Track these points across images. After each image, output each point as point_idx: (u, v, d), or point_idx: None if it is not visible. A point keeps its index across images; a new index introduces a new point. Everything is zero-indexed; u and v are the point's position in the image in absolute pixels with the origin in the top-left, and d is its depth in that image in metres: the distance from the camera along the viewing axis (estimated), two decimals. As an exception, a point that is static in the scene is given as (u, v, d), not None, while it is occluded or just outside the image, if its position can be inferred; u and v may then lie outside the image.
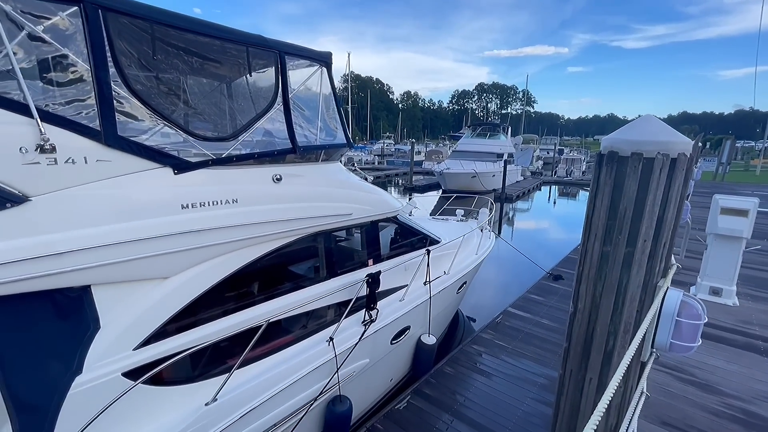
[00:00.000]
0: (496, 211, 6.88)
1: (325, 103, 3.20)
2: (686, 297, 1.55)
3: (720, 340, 3.23)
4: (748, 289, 4.31)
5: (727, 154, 16.08)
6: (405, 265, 3.56)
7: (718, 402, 2.44)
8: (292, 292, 2.58)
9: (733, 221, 3.75)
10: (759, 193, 12.93)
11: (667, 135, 1.48)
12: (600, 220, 1.59)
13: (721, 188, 14.04)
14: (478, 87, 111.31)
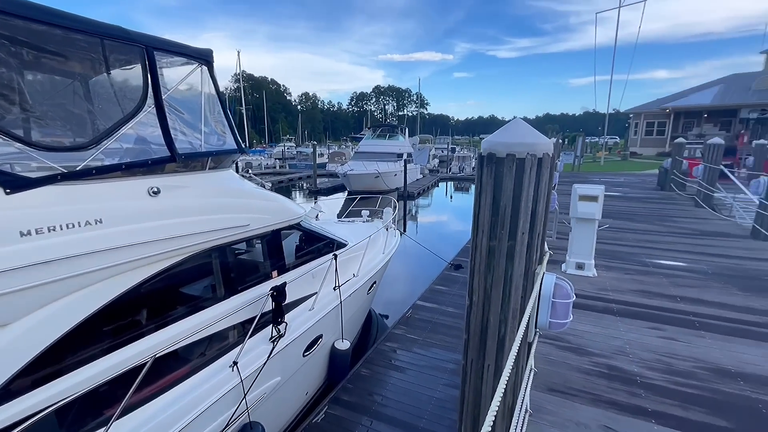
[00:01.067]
0: (399, 209, 7.11)
1: (209, 105, 2.91)
2: (558, 279, 1.77)
3: (586, 308, 3.82)
4: (603, 261, 5.20)
5: (580, 148, 19.38)
6: (313, 272, 3.47)
7: (588, 362, 2.87)
8: (185, 318, 2.29)
9: (587, 206, 4.49)
10: (603, 179, 15.86)
11: (533, 137, 1.66)
12: (485, 217, 1.71)
13: (578, 177, 16.86)
14: (375, 89, 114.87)
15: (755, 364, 2.85)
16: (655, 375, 2.71)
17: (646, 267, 5.03)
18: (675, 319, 3.57)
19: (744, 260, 5.30)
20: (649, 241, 6.33)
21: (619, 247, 5.96)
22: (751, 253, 5.63)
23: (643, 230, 7.06)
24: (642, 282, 4.49)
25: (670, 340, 3.20)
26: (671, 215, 8.49)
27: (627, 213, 8.70)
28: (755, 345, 3.12)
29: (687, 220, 7.95)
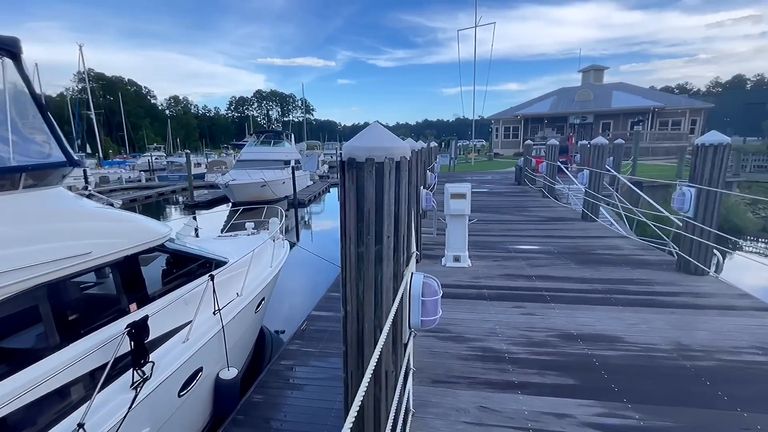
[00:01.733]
0: (290, 217, 6.79)
1: (18, 109, 2.32)
2: (426, 278, 1.83)
3: (463, 296, 4.15)
4: (476, 252, 5.75)
5: (453, 150, 21.54)
6: (185, 298, 3.11)
7: (466, 348, 3.10)
8: (5, 379, 1.79)
9: (458, 203, 4.92)
10: (474, 178, 17.89)
11: (390, 141, 1.67)
12: (351, 224, 1.67)
13: (454, 177, 18.67)
14: (256, 94, 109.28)
15: (589, 325, 3.45)
16: (519, 349, 3.06)
17: (510, 253, 5.74)
18: (532, 296, 4.12)
19: (577, 239, 6.49)
20: (511, 229, 7.28)
21: (488, 237, 6.71)
22: (582, 233, 6.92)
23: (506, 221, 8.10)
24: (507, 267, 5.10)
25: (530, 315, 3.68)
26: (526, 206, 9.95)
27: (493, 206, 9.91)
28: (589, 309, 3.78)
29: (538, 209, 9.41)
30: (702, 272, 4.51)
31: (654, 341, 3.15)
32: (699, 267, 4.52)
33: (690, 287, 4.25)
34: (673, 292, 4.15)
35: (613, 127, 34.06)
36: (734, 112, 67.97)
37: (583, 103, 36.13)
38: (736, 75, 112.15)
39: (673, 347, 3.05)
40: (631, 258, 5.37)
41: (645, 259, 5.30)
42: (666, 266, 4.96)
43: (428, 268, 5.11)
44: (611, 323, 3.47)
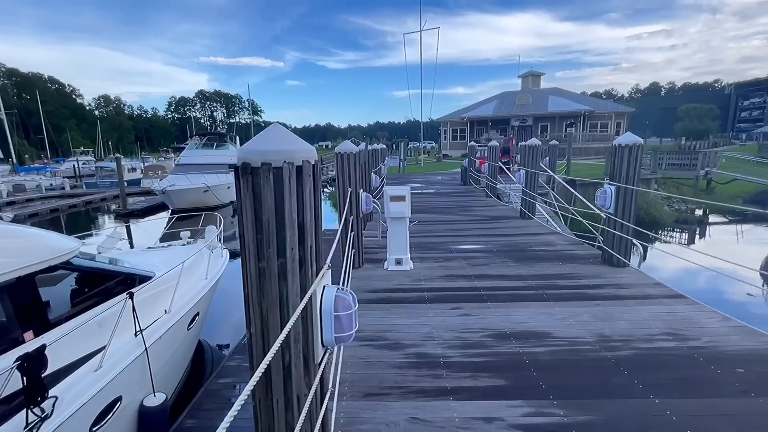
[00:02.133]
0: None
1: None
2: (339, 292, 1.70)
3: (403, 301, 4.09)
4: (418, 254, 5.75)
5: (403, 152, 21.79)
6: (99, 320, 2.82)
7: (402, 355, 3.02)
8: None
9: (397, 206, 4.87)
10: (424, 179, 18.19)
11: (291, 143, 1.53)
12: (249, 236, 1.49)
13: (403, 178, 18.86)
14: (199, 94, 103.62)
15: (522, 322, 3.53)
16: (454, 352, 3.04)
17: (452, 253, 5.81)
18: (470, 296, 4.16)
19: (515, 237, 6.74)
20: (455, 229, 7.41)
21: (431, 238, 6.76)
22: (520, 230, 7.21)
23: (450, 221, 8.24)
24: (448, 267, 5.14)
25: (466, 316, 3.69)
26: (471, 205, 10.23)
27: (439, 207, 10.07)
28: (523, 306, 3.88)
29: (481, 209, 9.70)
30: (623, 264, 4.84)
31: (580, 334, 3.27)
32: (620, 260, 4.84)
33: (612, 279, 4.53)
34: (598, 284, 4.39)
35: (550, 129, 36.35)
36: (652, 115, 75.57)
37: (523, 106, 38.26)
38: (653, 82, 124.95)
39: (597, 339, 3.19)
40: (563, 253, 5.65)
41: (575, 254, 5.60)
42: (593, 260, 5.26)
43: (370, 273, 5.01)
44: (542, 319, 3.58)
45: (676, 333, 3.25)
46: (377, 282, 4.65)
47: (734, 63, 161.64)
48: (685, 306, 3.77)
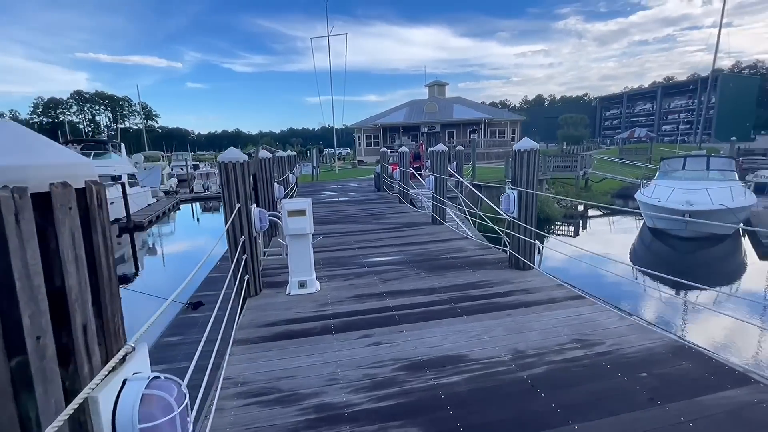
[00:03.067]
0: (124, 244, 5.06)
1: None
2: (151, 389, 1.11)
3: (305, 333, 3.51)
4: (326, 272, 5.21)
5: (315, 159, 21.03)
6: None
7: (297, 412, 2.44)
8: None
9: (297, 221, 4.27)
10: (338, 186, 17.70)
11: (24, 156, 0.90)
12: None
13: (317, 186, 18.14)
14: (75, 95, 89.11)
15: (437, 345, 3.21)
16: (361, 398, 2.56)
17: (363, 268, 5.38)
18: (381, 319, 3.74)
19: (428, 244, 6.59)
20: (367, 240, 7.02)
21: (342, 251, 6.27)
22: (432, 237, 7.11)
23: (363, 231, 7.85)
24: (358, 285, 4.69)
25: (376, 345, 3.26)
26: (384, 213, 10.00)
27: (352, 216, 9.65)
28: (437, 325, 3.58)
29: (394, 216, 9.52)
30: (528, 267, 4.90)
31: (495, 353, 3.06)
32: (526, 263, 4.89)
33: (520, 284, 4.53)
34: (508, 291, 4.34)
35: (456, 135, 38.73)
36: (539, 123, 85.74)
37: (431, 114, 40.21)
38: (538, 94, 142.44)
39: (512, 356, 3.00)
40: (473, 259, 5.61)
41: (484, 259, 5.59)
42: (501, 264, 5.29)
43: (269, 301, 4.32)
44: (457, 339, 3.31)
45: (583, 339, 3.22)
46: (276, 312, 3.99)
47: (597, 80, 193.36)
48: (586, 307, 3.84)
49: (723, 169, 16.20)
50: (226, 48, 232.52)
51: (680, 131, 72.76)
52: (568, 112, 78.79)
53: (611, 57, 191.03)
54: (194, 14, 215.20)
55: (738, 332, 7.14)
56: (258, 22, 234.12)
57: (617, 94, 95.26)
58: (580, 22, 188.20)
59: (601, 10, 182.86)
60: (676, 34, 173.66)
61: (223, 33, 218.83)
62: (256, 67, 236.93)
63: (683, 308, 8.59)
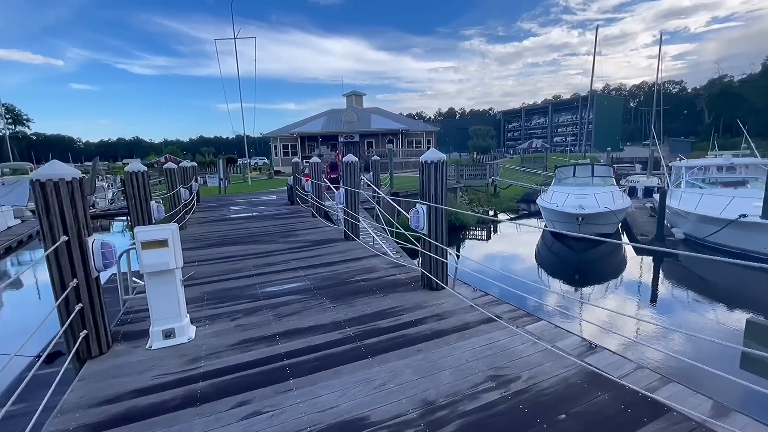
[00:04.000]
0: None
1: None
2: None
3: (157, 411, 2.61)
4: (210, 310, 4.28)
5: (222, 170, 19.15)
6: None
7: None
8: None
9: (156, 255, 3.32)
10: (249, 198, 16.17)
11: None
12: None
13: (223, 200, 16.41)
14: None
15: (332, 406, 2.57)
16: None
17: (258, 301, 4.54)
18: (266, 373, 3.00)
19: (337, 264, 5.96)
20: (270, 264, 6.15)
21: (235, 281, 5.32)
22: (343, 255, 6.50)
23: (267, 252, 6.93)
24: (246, 327, 3.85)
25: (254, 416, 2.51)
26: (295, 229, 9.14)
27: (258, 235, 8.62)
28: (335, 374, 2.95)
29: (306, 232, 8.72)
30: (440, 287, 4.55)
31: (402, 409, 2.52)
32: (438, 283, 4.54)
33: (433, 307, 4.13)
34: (420, 318, 3.89)
35: (375, 145, 39.05)
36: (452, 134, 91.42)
37: (350, 123, 40.03)
38: (450, 107, 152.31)
39: (422, 411, 2.49)
40: (385, 280, 5.12)
41: (397, 280, 5.14)
42: (414, 284, 4.87)
43: (121, 361, 3.26)
44: (358, 393, 2.71)
45: (498, 375, 2.85)
46: (124, 379, 2.99)
47: (499, 96, 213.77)
48: (499, 332, 3.55)
49: (604, 175, 18.43)
50: (119, 47, 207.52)
51: (568, 142, 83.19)
52: (477, 124, 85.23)
53: (510, 76, 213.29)
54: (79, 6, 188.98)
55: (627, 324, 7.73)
56: (158, 20, 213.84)
57: (517, 109, 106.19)
58: (483, 43, 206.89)
59: (500, 34, 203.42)
60: (560, 58, 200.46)
61: (115, 29, 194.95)
62: (159, 70, 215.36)
63: (581, 309, 9.17)
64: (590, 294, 10.66)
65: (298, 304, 4.40)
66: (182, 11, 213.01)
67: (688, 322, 8.82)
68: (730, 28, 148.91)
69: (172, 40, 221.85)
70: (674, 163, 19.17)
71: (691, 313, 9.12)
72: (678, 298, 9.83)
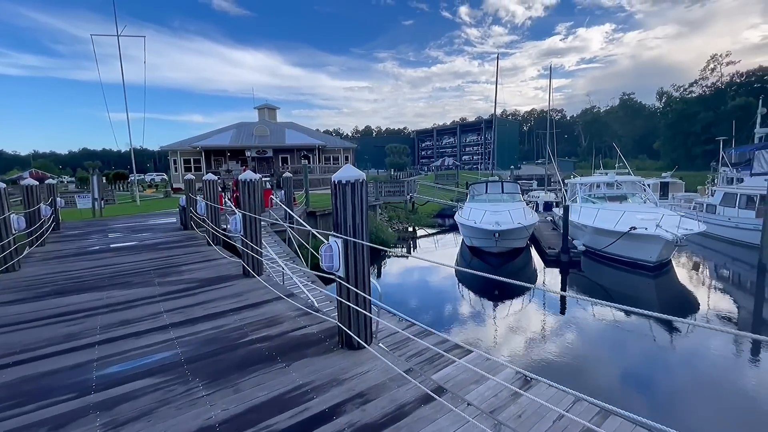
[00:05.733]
0: None
1: None
2: None
3: None
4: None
5: (96, 189, 15.74)
6: None
7: None
8: None
9: None
10: (128, 223, 13.19)
11: None
12: None
13: (94, 226, 13.26)
14: None
15: None
16: None
17: (86, 396, 2.92)
18: None
19: (228, 315, 4.51)
20: (128, 322, 4.41)
21: (60, 359, 3.53)
22: (238, 300, 5.05)
23: (129, 301, 5.12)
24: (43, 459, 2.29)
25: None
26: (180, 264, 7.30)
27: (127, 273, 6.61)
28: None
29: (193, 268, 6.97)
30: (361, 346, 3.46)
31: None
32: (360, 342, 3.45)
33: (354, 382, 3.01)
34: (337, 404, 2.74)
35: (290, 160, 37.10)
36: (369, 151, 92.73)
37: (262, 137, 37.51)
38: (366, 125, 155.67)
39: None
40: (291, 337, 3.87)
41: (307, 335, 3.92)
42: (330, 342, 3.71)
43: None
44: None
45: None
46: None
47: (412, 116, 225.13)
48: (444, 418, 2.57)
49: (513, 192, 19.44)
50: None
51: (475, 160, 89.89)
52: (393, 143, 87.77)
53: (421, 98, 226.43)
54: None
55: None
56: (26, 13, 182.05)
57: (429, 129, 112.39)
58: (396, 66, 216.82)
59: (411, 59, 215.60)
60: (464, 85, 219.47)
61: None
62: (30, 70, 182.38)
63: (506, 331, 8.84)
64: (511, 311, 10.55)
65: (153, 395, 2.92)
66: (60, 5, 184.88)
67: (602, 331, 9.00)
68: (594, 68, 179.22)
69: (46, 37, 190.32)
70: (569, 180, 21.14)
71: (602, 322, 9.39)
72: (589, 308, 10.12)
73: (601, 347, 8.34)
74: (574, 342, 8.29)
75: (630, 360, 7.68)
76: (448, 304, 11.37)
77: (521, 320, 9.70)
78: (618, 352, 8.07)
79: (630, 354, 7.93)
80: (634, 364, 7.47)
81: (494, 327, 9.39)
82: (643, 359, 7.60)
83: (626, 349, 8.16)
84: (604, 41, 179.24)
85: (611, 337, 8.82)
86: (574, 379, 6.65)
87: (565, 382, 2.64)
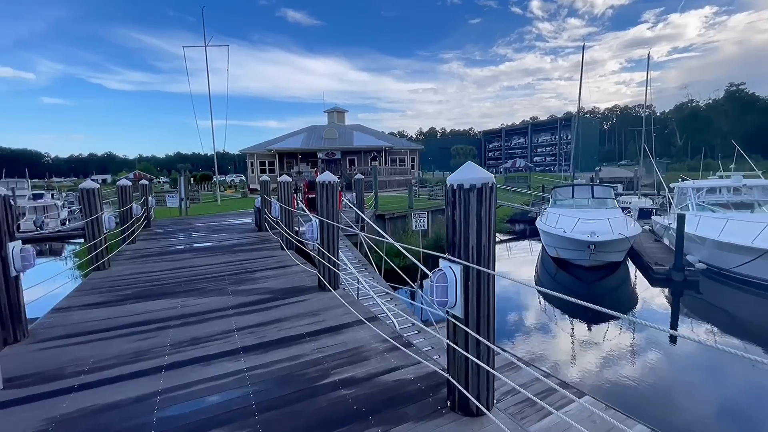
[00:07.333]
0: None
1: None
2: None
3: None
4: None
5: (183, 189, 16.75)
6: None
7: None
8: None
9: None
10: (210, 223, 13.70)
11: None
12: None
13: (180, 224, 13.96)
14: None
15: None
16: None
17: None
18: None
19: (304, 343, 3.83)
20: (197, 341, 3.96)
21: (124, 387, 3.10)
22: (314, 322, 4.37)
23: (202, 312, 4.73)
24: None
25: None
26: (254, 269, 6.97)
27: (202, 277, 6.38)
28: None
29: (267, 275, 6.56)
30: (480, 412, 2.51)
31: None
32: (479, 407, 2.50)
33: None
34: None
35: (357, 162, 37.29)
36: (434, 153, 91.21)
37: (331, 140, 38.22)
38: (431, 127, 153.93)
39: None
40: (382, 382, 3.04)
41: (403, 381, 3.06)
42: (433, 395, 2.82)
43: None
44: None
45: None
46: None
47: (478, 117, 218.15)
48: None
49: (604, 196, 17.02)
50: (95, 61, 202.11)
51: (547, 162, 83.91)
52: (458, 144, 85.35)
53: (488, 98, 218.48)
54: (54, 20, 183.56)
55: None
56: (135, 36, 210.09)
57: (497, 129, 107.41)
58: (461, 67, 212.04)
59: (477, 58, 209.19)
60: (534, 82, 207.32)
61: (91, 44, 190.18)
62: (136, 85, 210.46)
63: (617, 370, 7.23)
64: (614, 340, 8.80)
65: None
66: (161, 27, 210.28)
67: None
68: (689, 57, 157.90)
69: (150, 56, 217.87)
70: (677, 184, 18.05)
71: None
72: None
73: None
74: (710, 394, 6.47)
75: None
76: (537, 332, 9.86)
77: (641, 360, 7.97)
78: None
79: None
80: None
81: (602, 365, 7.80)
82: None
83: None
84: (703, 26, 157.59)
85: None
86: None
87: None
